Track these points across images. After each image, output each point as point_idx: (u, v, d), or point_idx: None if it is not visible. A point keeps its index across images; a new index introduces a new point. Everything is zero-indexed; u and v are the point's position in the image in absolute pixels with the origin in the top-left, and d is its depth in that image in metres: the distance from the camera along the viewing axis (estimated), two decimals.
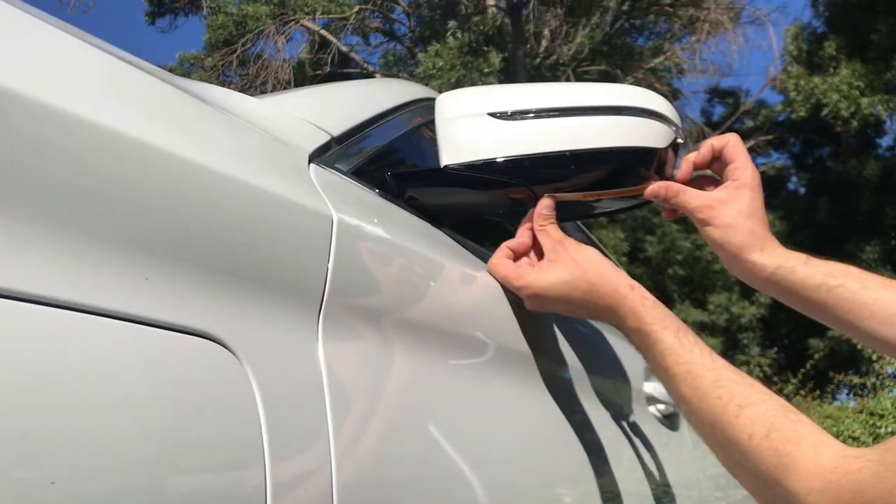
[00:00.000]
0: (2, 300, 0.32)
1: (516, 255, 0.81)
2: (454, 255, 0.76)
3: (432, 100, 0.88)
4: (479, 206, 0.84)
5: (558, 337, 0.90)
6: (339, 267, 0.54)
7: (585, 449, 0.84)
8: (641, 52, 12.68)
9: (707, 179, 0.85)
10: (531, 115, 0.78)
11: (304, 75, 11.40)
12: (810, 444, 0.55)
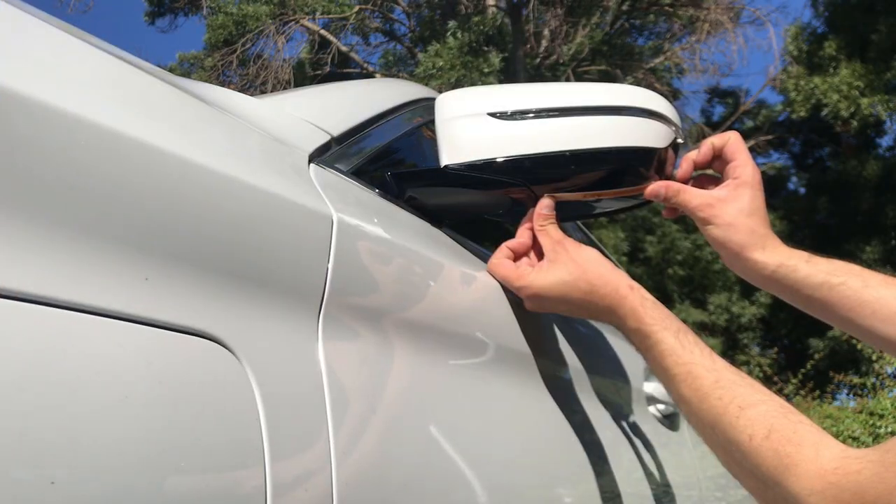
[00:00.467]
0: (2, 300, 0.32)
1: (516, 256, 0.81)
2: (454, 255, 0.76)
3: (432, 100, 0.88)
4: (479, 206, 0.84)
5: (558, 337, 0.90)
6: (338, 267, 0.54)
7: (585, 449, 0.84)
8: (641, 52, 12.67)
9: (708, 178, 0.85)
10: (531, 115, 0.78)
11: (304, 75, 11.40)
12: (811, 445, 0.55)
